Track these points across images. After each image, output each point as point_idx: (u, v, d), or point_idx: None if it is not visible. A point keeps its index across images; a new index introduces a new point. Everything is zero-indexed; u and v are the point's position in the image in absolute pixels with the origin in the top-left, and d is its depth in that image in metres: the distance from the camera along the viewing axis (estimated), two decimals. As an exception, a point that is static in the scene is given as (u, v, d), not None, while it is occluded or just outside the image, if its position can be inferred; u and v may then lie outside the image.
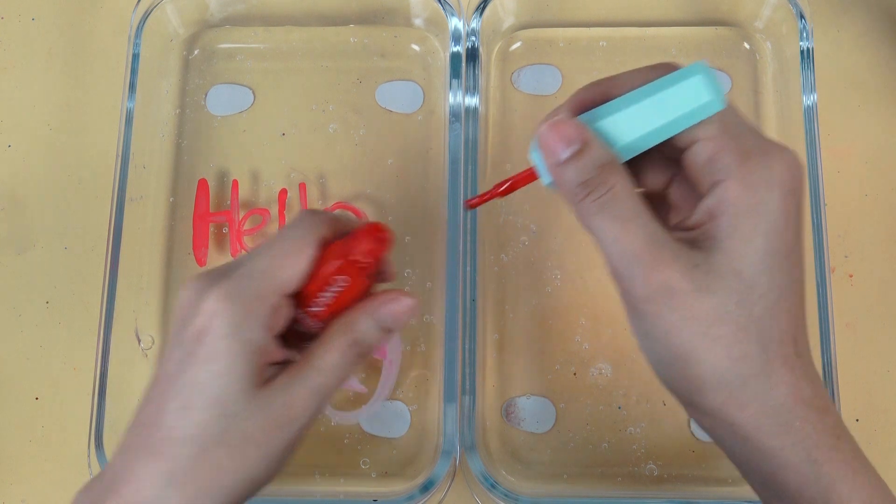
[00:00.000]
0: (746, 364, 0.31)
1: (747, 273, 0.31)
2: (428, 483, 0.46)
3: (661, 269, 0.31)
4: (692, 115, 0.32)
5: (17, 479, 0.51)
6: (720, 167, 0.32)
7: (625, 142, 0.33)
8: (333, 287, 0.36)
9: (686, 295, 0.31)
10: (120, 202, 0.50)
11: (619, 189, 0.32)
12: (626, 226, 0.32)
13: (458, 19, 0.53)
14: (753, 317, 0.31)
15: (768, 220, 0.31)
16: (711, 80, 0.32)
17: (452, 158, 0.50)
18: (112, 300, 0.49)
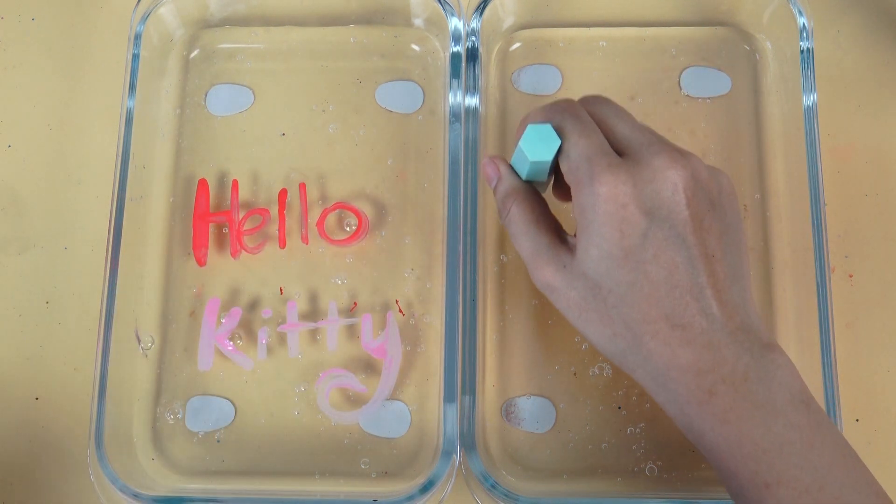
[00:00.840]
0: (618, 340, 0.40)
1: (591, 274, 0.40)
2: (428, 483, 0.46)
3: (541, 272, 0.41)
4: (535, 166, 0.41)
5: (17, 479, 0.50)
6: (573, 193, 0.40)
7: (524, 177, 0.43)
8: None
9: (559, 289, 0.41)
10: (120, 202, 0.50)
11: (513, 213, 0.43)
12: (519, 238, 0.42)
13: (458, 19, 0.53)
14: (609, 305, 0.39)
15: (598, 233, 0.39)
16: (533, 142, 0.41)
17: (452, 158, 0.50)
18: (112, 300, 0.49)
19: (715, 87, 0.54)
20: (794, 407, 0.38)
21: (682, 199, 0.39)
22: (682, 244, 0.38)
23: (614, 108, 0.43)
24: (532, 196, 0.43)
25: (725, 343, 0.38)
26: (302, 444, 0.50)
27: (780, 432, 0.37)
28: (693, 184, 0.39)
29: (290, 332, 0.50)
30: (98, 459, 0.47)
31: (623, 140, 0.41)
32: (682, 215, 0.39)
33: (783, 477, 0.36)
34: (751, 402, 0.37)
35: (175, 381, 0.51)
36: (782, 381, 0.38)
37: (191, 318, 0.52)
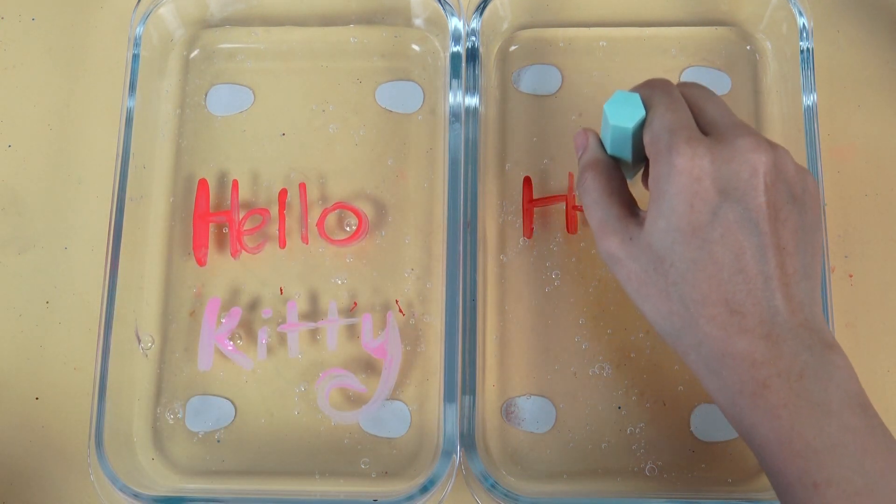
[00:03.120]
0: (675, 319, 0.39)
1: (656, 246, 0.39)
2: (428, 483, 0.46)
3: (606, 241, 0.41)
4: (618, 134, 0.42)
5: (17, 479, 0.50)
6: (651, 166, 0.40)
7: (609, 151, 0.43)
8: None
9: (622, 261, 0.41)
10: (120, 202, 0.50)
11: (588, 183, 0.42)
12: (590, 209, 0.42)
13: (458, 19, 0.53)
14: (669, 281, 0.39)
15: (668, 205, 0.38)
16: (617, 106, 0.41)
17: (452, 158, 0.50)
18: (112, 300, 0.49)
19: (715, 87, 0.53)
20: (851, 409, 0.37)
21: (761, 184, 0.38)
22: (753, 229, 0.38)
23: (708, 93, 0.42)
24: (610, 169, 0.43)
25: (785, 338, 0.37)
26: (302, 444, 0.50)
27: (834, 433, 0.36)
28: (774, 172, 0.38)
29: (290, 332, 0.50)
30: (98, 459, 0.47)
31: (712, 121, 0.40)
32: (758, 200, 0.38)
33: (833, 478, 0.35)
34: (805, 400, 0.36)
35: (175, 381, 0.51)
36: (840, 382, 0.37)
37: (191, 318, 0.52)
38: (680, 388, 0.49)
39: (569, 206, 0.51)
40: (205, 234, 0.52)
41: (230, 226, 0.52)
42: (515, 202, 0.52)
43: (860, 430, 0.36)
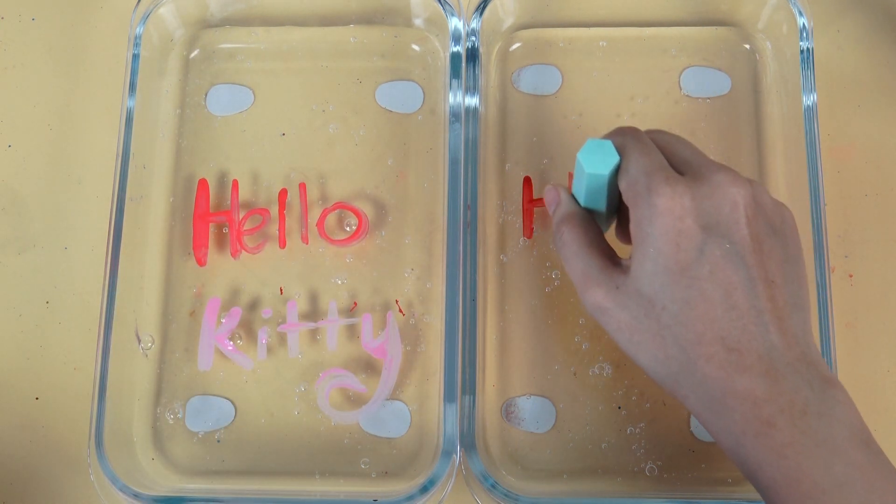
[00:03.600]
0: (671, 363, 0.38)
1: (645, 291, 0.38)
2: (428, 483, 0.46)
3: (591, 293, 0.40)
4: (594, 182, 0.41)
5: (17, 478, 0.50)
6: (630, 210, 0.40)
7: (583, 203, 0.43)
8: None
9: (610, 311, 0.40)
10: (120, 202, 0.50)
11: (566, 236, 0.42)
12: (570, 261, 0.42)
13: (458, 19, 0.53)
14: (662, 324, 0.38)
15: (654, 247, 0.38)
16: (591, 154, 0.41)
17: (452, 158, 0.50)
18: (112, 300, 0.49)
19: (715, 87, 0.54)
20: (855, 446, 0.36)
21: (742, 217, 0.38)
22: (740, 263, 0.38)
23: (676, 136, 0.43)
24: (587, 221, 0.43)
25: (784, 373, 0.37)
26: (302, 444, 0.50)
27: (841, 472, 0.35)
28: (754, 205, 0.38)
29: (290, 331, 0.50)
30: (98, 459, 0.47)
31: (685, 161, 0.41)
32: (742, 233, 0.38)
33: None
34: (811, 438, 0.36)
35: (175, 381, 0.51)
36: (842, 418, 0.36)
37: (191, 318, 0.52)
38: (680, 388, 0.49)
39: (569, 206, 0.51)
40: (205, 234, 0.52)
41: (230, 226, 0.52)
42: (515, 202, 0.52)
43: (866, 467, 0.36)
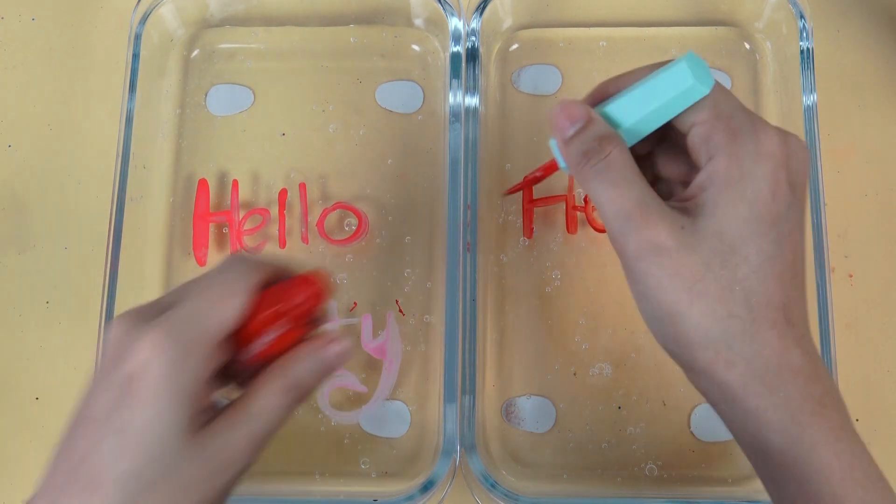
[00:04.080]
0: (732, 323, 0.33)
1: (729, 236, 0.33)
2: (428, 483, 0.46)
3: (649, 228, 0.34)
4: (680, 99, 0.35)
5: (17, 479, 0.50)
6: (713, 145, 0.35)
7: (627, 125, 0.36)
8: (270, 333, 0.36)
9: (672, 252, 0.33)
10: (120, 202, 0.50)
11: (614, 157, 0.35)
12: (620, 189, 0.34)
13: (458, 19, 0.53)
14: (737, 278, 0.33)
15: (753, 189, 0.34)
16: (696, 67, 0.35)
17: (452, 158, 0.50)
18: (112, 300, 0.49)
19: (715, 87, 0.54)
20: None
21: (807, 184, 0.36)
22: (802, 231, 0.35)
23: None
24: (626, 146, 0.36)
25: (816, 355, 0.35)
26: (302, 443, 0.50)
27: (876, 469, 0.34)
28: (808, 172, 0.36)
29: (290, 332, 0.50)
30: (98, 459, 0.47)
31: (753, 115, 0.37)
32: (806, 202, 0.36)
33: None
34: (851, 423, 0.34)
35: (175, 381, 0.51)
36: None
37: (191, 318, 0.52)
38: (680, 389, 0.49)
39: (569, 206, 0.51)
40: (205, 234, 0.52)
41: (230, 226, 0.52)
42: (515, 202, 0.52)
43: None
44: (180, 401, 0.33)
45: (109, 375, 0.34)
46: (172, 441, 0.33)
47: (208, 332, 0.34)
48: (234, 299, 0.35)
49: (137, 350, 0.33)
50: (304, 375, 0.36)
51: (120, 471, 0.32)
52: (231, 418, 0.35)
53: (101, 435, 0.33)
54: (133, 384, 0.33)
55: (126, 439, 0.33)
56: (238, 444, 0.34)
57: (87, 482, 0.33)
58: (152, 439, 0.33)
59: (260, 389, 0.35)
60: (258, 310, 0.35)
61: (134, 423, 0.33)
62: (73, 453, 0.33)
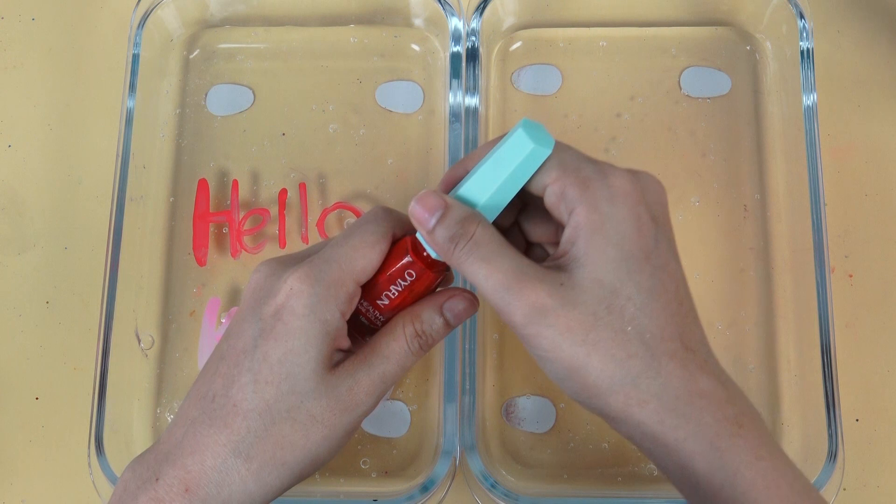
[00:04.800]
0: (633, 364, 0.34)
1: (608, 280, 0.34)
2: (428, 483, 0.46)
3: (529, 293, 0.34)
4: (525, 165, 0.36)
5: (17, 479, 0.50)
6: (569, 200, 0.36)
7: (483, 202, 0.37)
8: (402, 281, 0.38)
9: (557, 310, 0.34)
10: (120, 202, 0.50)
11: (479, 234, 0.36)
12: (491, 264, 0.35)
13: (458, 19, 0.53)
14: (626, 319, 0.34)
15: (617, 230, 0.35)
16: (533, 131, 0.36)
17: (452, 158, 0.50)
18: (112, 300, 0.49)
19: (715, 87, 0.54)
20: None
21: (669, 214, 0.37)
22: (676, 260, 0.36)
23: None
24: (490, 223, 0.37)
25: (725, 377, 0.35)
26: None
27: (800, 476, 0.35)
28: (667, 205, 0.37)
29: (291, 332, 0.50)
30: (98, 459, 0.47)
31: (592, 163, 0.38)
32: (671, 230, 0.37)
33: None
34: (770, 441, 0.35)
35: (175, 381, 0.51)
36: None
37: (191, 318, 0.52)
38: (680, 388, 0.49)
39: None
40: (205, 234, 0.52)
41: (230, 226, 0.52)
42: (515, 202, 0.52)
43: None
44: (321, 336, 0.36)
45: (256, 311, 0.37)
46: (309, 374, 0.36)
47: (348, 275, 0.37)
48: (373, 248, 0.37)
49: (283, 288, 0.36)
50: (431, 324, 0.38)
51: (255, 403, 0.35)
52: (362, 359, 0.37)
53: (242, 366, 0.36)
54: (277, 318, 0.36)
55: (265, 369, 0.36)
56: (367, 384, 0.37)
57: (224, 414, 0.35)
58: (290, 370, 0.35)
59: (389, 334, 0.38)
60: (394, 259, 0.38)
61: (274, 354, 0.36)
62: (210, 387, 0.37)
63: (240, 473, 0.35)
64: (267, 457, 0.35)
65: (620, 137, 0.53)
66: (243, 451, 0.35)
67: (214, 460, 0.35)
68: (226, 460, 0.35)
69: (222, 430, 0.35)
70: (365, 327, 0.40)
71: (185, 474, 0.35)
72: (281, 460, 0.36)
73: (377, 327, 0.39)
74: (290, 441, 0.36)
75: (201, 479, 0.35)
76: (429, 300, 0.39)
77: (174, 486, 0.35)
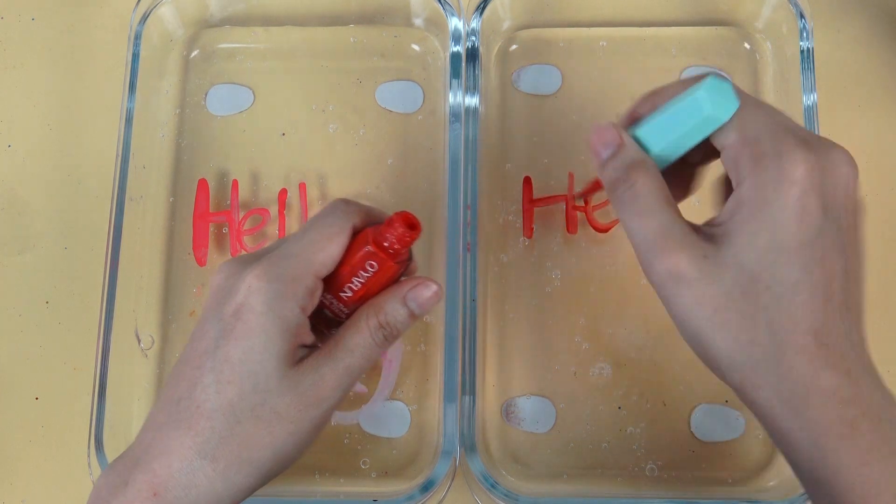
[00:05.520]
0: (755, 350, 0.34)
1: (750, 265, 0.34)
2: (428, 483, 0.46)
3: (670, 257, 0.34)
4: (701, 127, 0.35)
5: (17, 479, 0.51)
6: (740, 171, 0.34)
7: (655, 150, 0.36)
8: (364, 272, 0.38)
9: (692, 281, 0.34)
10: (120, 202, 0.50)
11: (640, 186, 0.35)
12: (643, 218, 0.35)
13: (458, 19, 0.53)
14: (759, 306, 0.33)
15: (775, 218, 0.33)
16: (715, 93, 0.34)
17: (452, 158, 0.50)
18: (112, 300, 0.49)
19: (715, 87, 0.54)
20: None
21: (852, 204, 0.35)
22: (842, 253, 0.34)
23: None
24: (658, 172, 0.36)
25: (861, 376, 0.34)
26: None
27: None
28: (857, 190, 0.35)
29: (290, 332, 0.50)
30: (98, 459, 0.47)
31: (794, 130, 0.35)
32: (849, 221, 0.35)
33: None
34: (889, 447, 0.33)
35: (175, 381, 0.51)
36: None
37: (191, 318, 0.52)
38: (680, 388, 0.49)
39: (569, 207, 0.51)
40: (205, 234, 0.52)
41: (230, 226, 0.52)
42: (515, 202, 0.52)
43: None
44: (281, 332, 0.36)
45: (216, 312, 0.37)
46: (271, 371, 0.36)
47: (306, 269, 0.37)
48: (332, 241, 0.38)
49: (242, 287, 0.36)
50: (395, 314, 0.39)
51: (218, 403, 0.35)
52: (326, 353, 0.37)
53: (205, 367, 0.36)
54: (237, 317, 0.36)
55: (226, 369, 0.36)
56: (332, 378, 0.37)
57: (188, 416, 0.36)
58: (252, 368, 0.35)
59: (353, 326, 0.38)
60: (354, 250, 0.38)
61: (235, 353, 0.36)
62: (176, 390, 0.37)
63: (206, 474, 0.35)
64: (233, 456, 0.35)
65: (620, 137, 0.53)
66: (209, 451, 0.35)
67: (181, 463, 0.35)
68: (192, 462, 0.35)
69: (187, 433, 0.35)
70: (331, 321, 0.40)
71: (153, 478, 0.35)
72: (247, 459, 0.36)
73: (343, 320, 0.39)
74: (256, 439, 0.36)
75: (169, 482, 0.35)
76: (392, 291, 0.39)
77: (143, 491, 0.35)
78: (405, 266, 0.40)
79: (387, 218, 0.38)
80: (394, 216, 0.38)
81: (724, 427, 0.49)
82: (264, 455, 0.36)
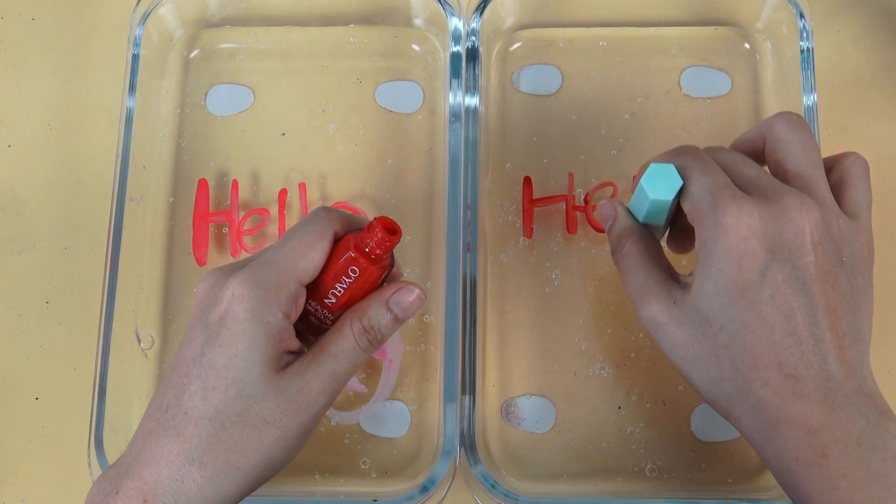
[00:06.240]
0: (726, 384, 0.37)
1: (703, 309, 0.38)
2: (428, 483, 0.46)
3: (648, 305, 0.39)
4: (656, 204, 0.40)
5: (17, 479, 0.50)
6: (696, 229, 0.39)
7: (641, 219, 0.43)
8: (346, 278, 0.39)
9: (666, 326, 0.39)
10: (120, 202, 0.50)
11: (627, 248, 0.42)
12: (630, 275, 0.41)
13: (458, 19, 0.53)
14: (718, 344, 0.37)
15: (717, 264, 0.37)
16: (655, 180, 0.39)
17: (452, 158, 0.50)
18: (112, 300, 0.49)
19: (715, 87, 0.54)
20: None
21: (808, 244, 0.37)
22: (802, 290, 0.37)
23: (739, 155, 0.41)
24: (648, 236, 0.42)
25: (840, 403, 0.36)
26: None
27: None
28: (822, 232, 0.37)
29: (290, 332, 0.50)
30: (98, 459, 0.47)
31: (751, 182, 0.39)
32: (806, 260, 0.37)
33: None
34: (864, 471, 0.35)
35: (175, 381, 0.51)
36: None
37: (191, 318, 0.52)
38: (680, 388, 0.49)
39: (569, 206, 0.51)
40: (205, 234, 0.52)
41: (230, 226, 0.52)
42: (515, 202, 0.52)
43: None
44: (264, 338, 0.36)
45: (201, 320, 0.37)
46: (256, 377, 0.36)
47: (289, 276, 0.38)
48: (313, 247, 0.38)
49: (225, 294, 0.37)
50: (378, 318, 0.39)
51: (205, 410, 0.36)
52: (311, 359, 0.38)
53: (191, 375, 0.37)
54: (221, 324, 0.37)
55: (212, 376, 0.36)
56: (317, 383, 0.38)
57: (176, 423, 0.36)
58: (237, 374, 0.36)
59: (337, 331, 0.39)
60: (336, 256, 0.38)
61: (220, 360, 0.36)
62: (163, 398, 0.37)
63: (195, 481, 0.36)
64: (220, 462, 0.36)
65: (621, 138, 0.53)
66: (196, 458, 0.36)
67: (170, 469, 0.36)
68: (180, 468, 0.36)
69: (175, 440, 0.36)
70: (316, 328, 0.40)
71: (143, 485, 0.36)
72: (235, 465, 0.36)
73: (329, 327, 0.40)
74: (242, 445, 0.36)
75: (158, 489, 0.35)
76: (375, 295, 0.40)
77: (133, 498, 0.35)
78: (387, 270, 0.40)
79: (367, 223, 0.39)
80: (373, 221, 0.38)
81: (724, 427, 0.49)
82: (252, 461, 0.36)
